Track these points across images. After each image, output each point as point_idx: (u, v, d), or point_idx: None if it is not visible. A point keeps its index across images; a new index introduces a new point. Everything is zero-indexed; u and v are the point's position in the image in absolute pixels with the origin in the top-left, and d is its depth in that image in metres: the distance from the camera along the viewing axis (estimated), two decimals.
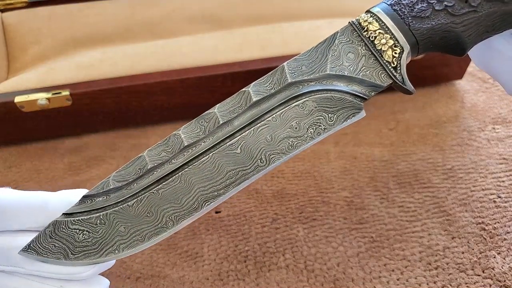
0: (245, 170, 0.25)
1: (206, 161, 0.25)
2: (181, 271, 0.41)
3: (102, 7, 0.65)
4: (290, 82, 0.25)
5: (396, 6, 0.25)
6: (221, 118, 0.25)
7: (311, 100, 0.25)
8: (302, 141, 0.25)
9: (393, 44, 0.25)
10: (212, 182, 0.25)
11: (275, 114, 0.25)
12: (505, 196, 0.45)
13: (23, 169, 0.55)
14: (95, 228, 0.25)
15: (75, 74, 0.56)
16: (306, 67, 0.26)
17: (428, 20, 0.25)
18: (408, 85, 0.25)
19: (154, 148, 0.26)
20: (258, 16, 0.66)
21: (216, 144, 0.25)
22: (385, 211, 0.45)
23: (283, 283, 0.39)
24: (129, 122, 0.59)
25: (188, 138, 0.25)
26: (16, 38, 0.63)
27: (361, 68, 0.25)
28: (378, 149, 0.53)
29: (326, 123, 0.25)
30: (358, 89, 0.25)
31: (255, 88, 0.26)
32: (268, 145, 0.25)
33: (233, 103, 0.26)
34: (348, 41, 0.26)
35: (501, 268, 0.39)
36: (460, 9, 0.25)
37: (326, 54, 0.26)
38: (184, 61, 0.57)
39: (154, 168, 0.25)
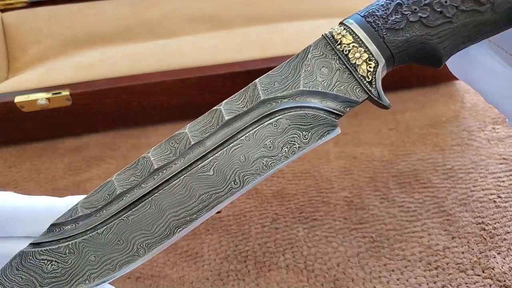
0: (218, 193, 0.24)
1: (177, 185, 0.24)
2: (181, 271, 0.41)
3: (102, 7, 0.65)
4: (263, 99, 0.25)
5: (369, 17, 0.25)
6: (192, 138, 0.24)
7: (284, 117, 0.24)
8: (276, 161, 0.24)
9: (368, 58, 0.24)
10: (184, 207, 0.24)
11: (248, 133, 0.24)
12: (505, 196, 0.45)
13: (23, 169, 0.55)
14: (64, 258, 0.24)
15: (75, 74, 0.56)
16: (279, 83, 0.25)
17: (402, 32, 0.24)
18: (384, 100, 0.25)
19: (123, 172, 0.25)
20: (258, 16, 0.66)
21: (188, 166, 0.24)
22: (385, 211, 0.45)
23: (283, 283, 0.39)
24: (129, 122, 0.59)
25: (158, 161, 0.24)
26: (16, 38, 0.63)
27: (335, 83, 0.25)
28: (378, 149, 0.53)
29: (300, 141, 0.24)
30: (332, 105, 0.25)
31: (227, 106, 0.25)
32: (241, 166, 0.24)
33: (205, 123, 0.25)
34: (321, 55, 0.25)
35: (501, 268, 0.39)
36: (435, 20, 0.24)
37: (299, 69, 0.25)
38: (184, 61, 0.57)
39: (123, 193, 0.24)
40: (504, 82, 0.26)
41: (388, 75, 0.27)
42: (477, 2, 0.24)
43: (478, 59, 0.27)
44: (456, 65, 0.28)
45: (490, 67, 0.26)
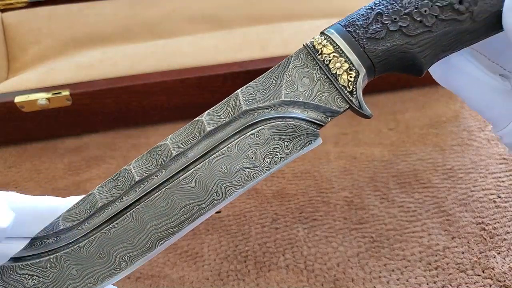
0: (200, 205, 0.24)
1: (159, 197, 0.24)
2: (181, 271, 0.41)
3: (102, 7, 0.65)
4: (244, 110, 0.25)
5: (350, 27, 0.25)
6: (173, 150, 0.24)
7: (266, 128, 0.24)
8: (259, 171, 0.24)
9: (348, 67, 0.24)
10: (165, 219, 0.23)
11: (230, 144, 0.24)
12: (505, 196, 0.45)
13: (23, 169, 0.55)
14: (45, 272, 0.23)
15: (75, 74, 0.56)
16: (261, 93, 0.25)
17: (383, 42, 0.24)
18: (365, 109, 0.25)
19: (105, 185, 0.24)
20: (258, 16, 0.66)
21: (169, 178, 0.24)
22: (385, 211, 0.45)
23: (283, 283, 0.39)
24: (129, 122, 0.59)
25: (139, 173, 0.24)
26: (16, 38, 0.63)
27: (316, 93, 0.25)
28: (378, 149, 0.53)
29: (282, 151, 0.24)
30: (313, 115, 0.25)
31: (208, 117, 0.25)
32: (223, 177, 0.24)
33: (186, 134, 0.25)
34: (302, 65, 0.25)
35: (501, 268, 0.39)
36: (415, 30, 0.24)
37: (280, 79, 0.25)
38: (184, 61, 0.57)
39: (104, 206, 0.24)
40: (487, 89, 0.27)
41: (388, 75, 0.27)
42: (456, 12, 0.24)
43: (459, 67, 0.27)
44: (438, 73, 0.29)
45: (472, 75, 0.27)
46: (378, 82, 0.60)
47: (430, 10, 0.24)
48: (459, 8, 0.24)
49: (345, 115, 0.27)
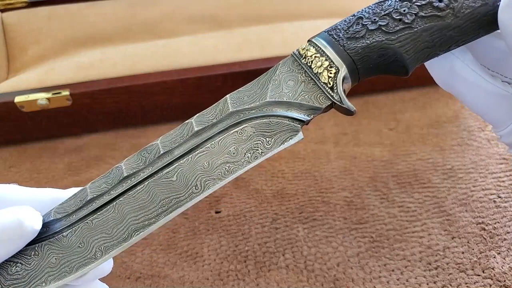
0: (178, 198, 0.24)
1: (141, 190, 0.25)
2: (181, 271, 0.41)
3: (102, 7, 0.65)
4: (231, 111, 0.26)
5: (332, 31, 0.26)
6: (162, 148, 0.25)
7: (250, 126, 0.25)
8: (238, 166, 0.25)
9: (328, 65, 0.25)
10: (144, 211, 0.24)
11: (214, 141, 0.25)
12: (505, 196, 0.45)
13: (23, 169, 0.55)
14: (28, 260, 0.24)
15: (75, 74, 0.56)
16: (248, 97, 0.26)
17: (363, 40, 0.25)
18: (346, 103, 0.25)
19: (97, 180, 0.26)
20: (258, 16, 0.66)
21: (153, 173, 0.25)
22: (385, 211, 0.45)
23: (283, 283, 0.39)
24: (129, 122, 0.59)
25: (128, 169, 0.25)
26: (16, 38, 0.63)
27: (300, 93, 0.26)
28: (378, 149, 0.53)
29: (263, 147, 0.25)
30: (296, 113, 0.25)
31: (198, 119, 0.26)
32: (204, 172, 0.25)
33: (176, 134, 0.26)
34: (288, 70, 0.26)
35: (501, 268, 0.39)
36: (395, 27, 0.25)
37: (267, 84, 0.26)
38: (184, 61, 0.57)
39: (93, 199, 0.25)
40: (488, 95, 0.27)
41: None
42: (437, 8, 0.24)
43: (463, 76, 0.27)
44: (441, 78, 0.29)
45: (474, 82, 0.27)
46: (378, 82, 0.60)
47: (409, 9, 0.25)
48: (439, 6, 0.24)
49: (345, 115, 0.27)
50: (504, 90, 0.27)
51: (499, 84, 0.27)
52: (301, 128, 0.25)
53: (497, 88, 0.27)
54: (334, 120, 0.57)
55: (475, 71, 0.27)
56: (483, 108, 0.28)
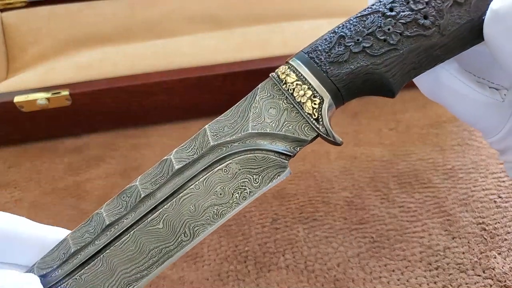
0: (168, 247, 0.23)
1: (128, 240, 0.23)
2: (181, 272, 0.41)
3: (102, 7, 0.65)
4: (212, 145, 0.24)
5: (312, 53, 0.24)
6: (142, 191, 0.24)
7: (234, 162, 0.24)
8: (227, 208, 0.23)
9: (312, 94, 0.24)
10: (134, 263, 0.23)
11: (198, 181, 0.24)
12: (505, 196, 0.45)
13: (23, 169, 0.55)
14: None
15: (75, 74, 0.56)
16: (228, 127, 0.24)
17: (346, 64, 0.23)
18: (332, 136, 0.24)
19: (78, 230, 0.24)
20: (258, 16, 0.66)
21: (138, 220, 0.23)
22: (386, 211, 0.45)
23: (283, 283, 0.39)
24: (129, 122, 0.59)
25: (110, 216, 0.24)
26: (16, 38, 0.63)
27: (284, 123, 0.24)
28: (379, 149, 0.53)
29: (251, 185, 0.24)
30: (282, 146, 0.24)
31: (177, 155, 0.24)
32: (191, 216, 0.23)
33: (155, 174, 0.24)
34: (269, 96, 0.25)
35: (502, 268, 0.39)
36: (379, 49, 0.23)
37: (247, 112, 0.25)
38: (184, 61, 0.57)
39: (77, 251, 0.23)
40: (476, 104, 0.26)
41: None
42: (422, 27, 0.23)
43: (449, 85, 0.27)
44: (426, 89, 0.28)
45: (460, 92, 0.26)
46: None
47: (394, 28, 0.23)
48: (424, 23, 0.23)
49: (345, 115, 0.26)
50: (491, 98, 0.26)
51: (486, 92, 0.26)
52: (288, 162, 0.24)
53: (484, 97, 0.26)
54: (334, 120, 0.57)
55: (462, 80, 0.26)
56: (472, 117, 0.27)
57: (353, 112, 0.58)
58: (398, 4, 0.23)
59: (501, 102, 0.26)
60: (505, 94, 0.26)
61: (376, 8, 0.24)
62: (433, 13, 0.23)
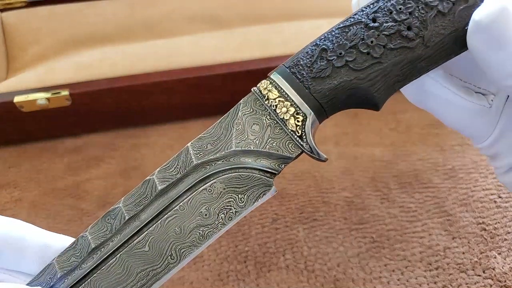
0: (155, 270, 0.23)
1: (115, 263, 0.23)
2: (181, 271, 0.41)
3: (102, 7, 0.65)
4: (196, 164, 0.24)
5: (294, 68, 0.23)
6: (126, 213, 0.24)
7: (219, 181, 0.24)
8: (213, 229, 0.23)
9: (295, 111, 0.23)
10: (123, 287, 0.23)
11: (183, 202, 0.23)
12: (505, 196, 0.45)
13: (23, 169, 0.55)
14: None
15: (75, 74, 0.56)
16: (212, 145, 0.24)
17: (329, 80, 0.23)
18: (317, 153, 0.24)
19: (64, 254, 0.24)
20: (258, 16, 0.66)
21: (124, 243, 0.23)
22: (386, 211, 0.45)
23: (283, 283, 0.39)
24: (129, 122, 0.59)
25: (95, 239, 0.23)
26: (16, 38, 0.63)
27: (267, 140, 0.24)
28: (379, 149, 0.53)
29: (236, 205, 0.24)
30: (266, 163, 0.24)
31: (160, 175, 0.24)
32: (177, 239, 0.23)
33: (139, 195, 0.24)
34: (251, 112, 0.24)
35: (502, 268, 0.39)
36: (363, 63, 0.23)
37: (230, 128, 0.24)
38: (184, 61, 0.57)
39: (64, 276, 0.23)
40: (463, 111, 0.26)
41: None
42: (406, 39, 0.23)
43: (434, 92, 0.26)
44: (412, 96, 0.28)
45: (446, 99, 0.26)
46: None
47: (377, 40, 0.23)
48: (408, 35, 0.22)
49: (346, 115, 0.26)
50: (478, 104, 0.26)
51: (473, 98, 0.26)
52: (273, 180, 0.24)
53: (471, 103, 0.26)
54: (334, 120, 0.57)
55: (447, 87, 0.26)
56: (459, 124, 0.27)
57: (353, 112, 0.58)
58: (381, 15, 0.23)
59: (488, 108, 0.26)
60: (492, 99, 0.26)
61: (359, 19, 0.23)
62: (416, 24, 0.22)
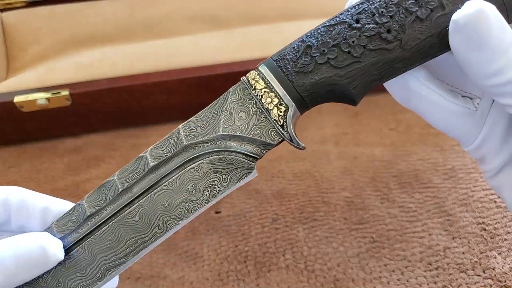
0: (143, 238, 0.25)
1: (107, 231, 0.25)
2: (181, 272, 0.41)
3: (102, 7, 0.65)
4: (185, 144, 0.26)
5: (280, 62, 0.25)
6: (120, 185, 0.26)
7: (205, 162, 0.26)
8: (198, 205, 0.25)
9: (278, 102, 0.25)
10: (113, 251, 0.25)
11: (171, 179, 0.26)
12: None
13: (23, 169, 0.55)
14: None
15: (75, 74, 0.56)
16: (201, 128, 0.26)
17: (311, 75, 0.25)
18: (295, 142, 0.25)
19: (62, 219, 0.26)
20: (258, 16, 0.66)
21: (116, 212, 0.25)
22: (386, 211, 0.45)
23: (283, 283, 0.39)
24: (129, 122, 0.59)
25: (91, 208, 0.26)
26: (16, 38, 0.63)
27: (252, 126, 0.26)
28: (379, 149, 0.53)
29: (220, 184, 0.26)
30: (250, 148, 0.26)
31: (152, 153, 0.26)
32: (165, 211, 0.25)
33: (132, 169, 0.26)
34: (239, 100, 0.26)
35: (502, 268, 0.39)
36: (343, 61, 0.24)
37: (219, 114, 0.26)
38: (184, 61, 0.57)
39: (61, 239, 0.25)
40: (447, 112, 0.26)
41: None
42: (385, 41, 0.24)
43: (418, 93, 0.27)
44: (398, 96, 0.29)
45: (431, 100, 0.26)
46: None
47: (358, 41, 0.24)
48: (387, 37, 0.24)
49: (346, 115, 0.27)
50: (463, 107, 0.26)
51: (458, 101, 0.26)
52: (255, 164, 0.26)
53: (456, 105, 0.26)
54: (334, 120, 0.57)
55: (431, 88, 0.26)
56: (445, 125, 0.27)
57: (353, 112, 0.58)
58: (364, 16, 0.24)
59: (474, 111, 0.26)
60: (478, 103, 0.26)
61: (344, 19, 0.25)
62: (396, 27, 0.24)
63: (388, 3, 0.24)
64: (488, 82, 0.22)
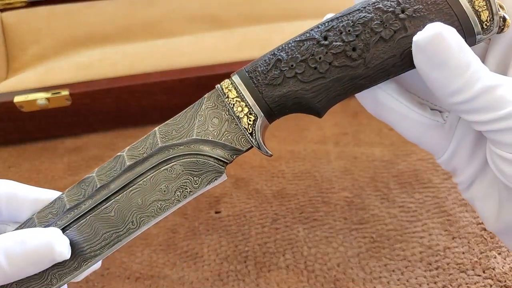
0: (118, 233, 0.27)
1: (84, 224, 0.27)
2: (180, 272, 0.41)
3: (102, 7, 0.65)
4: (160, 146, 0.27)
5: (252, 73, 0.27)
6: (98, 181, 0.27)
7: (178, 164, 0.27)
8: (169, 204, 0.27)
9: (248, 111, 0.26)
10: (89, 244, 0.27)
11: (146, 178, 0.27)
12: None
13: (23, 169, 0.55)
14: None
15: (75, 74, 0.56)
16: (176, 131, 0.28)
17: (280, 88, 0.26)
18: (263, 150, 0.27)
19: (43, 210, 0.27)
20: (258, 16, 0.66)
21: (94, 207, 0.27)
22: (386, 211, 0.45)
23: (283, 283, 0.39)
24: (129, 122, 0.59)
25: (70, 201, 0.27)
26: (16, 38, 0.63)
27: (224, 132, 0.27)
28: (379, 149, 0.53)
29: (192, 186, 0.27)
30: (221, 153, 0.27)
31: (129, 153, 0.27)
32: (139, 208, 0.27)
33: (110, 167, 0.27)
34: (213, 106, 0.28)
35: (502, 268, 0.39)
36: (310, 76, 0.25)
37: (193, 119, 0.28)
38: (184, 61, 0.57)
39: None
40: (417, 125, 0.27)
41: None
42: (350, 58, 0.25)
43: (389, 106, 0.27)
44: (369, 107, 0.29)
45: (401, 113, 0.27)
46: None
47: (324, 57, 0.25)
48: (352, 55, 0.25)
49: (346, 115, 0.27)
50: (432, 120, 0.27)
51: (427, 113, 0.27)
52: (225, 168, 0.27)
53: (425, 118, 0.27)
54: (334, 120, 0.57)
55: (400, 100, 0.27)
56: (416, 137, 0.28)
57: (353, 112, 0.58)
58: (332, 34, 0.26)
59: (443, 124, 0.27)
60: (447, 116, 0.27)
61: (313, 35, 0.26)
62: (361, 46, 0.25)
63: (355, 22, 0.25)
64: (450, 100, 0.23)
